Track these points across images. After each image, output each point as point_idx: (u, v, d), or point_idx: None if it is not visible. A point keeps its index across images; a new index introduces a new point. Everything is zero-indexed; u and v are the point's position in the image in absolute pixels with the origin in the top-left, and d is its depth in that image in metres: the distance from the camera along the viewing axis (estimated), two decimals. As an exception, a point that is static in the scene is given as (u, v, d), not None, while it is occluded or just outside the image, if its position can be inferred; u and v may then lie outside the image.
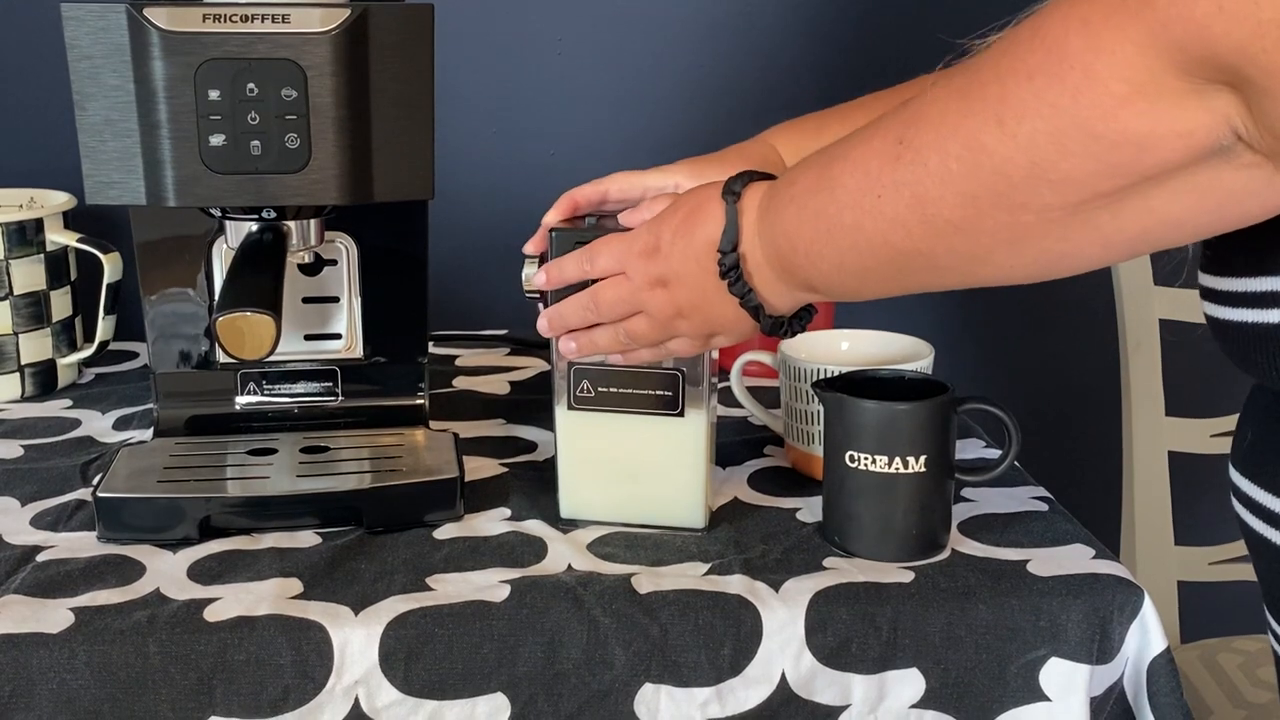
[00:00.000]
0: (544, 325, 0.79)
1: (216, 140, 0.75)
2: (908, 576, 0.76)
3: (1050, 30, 0.55)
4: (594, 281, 0.76)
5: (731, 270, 0.71)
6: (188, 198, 0.76)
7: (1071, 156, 0.55)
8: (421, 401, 0.95)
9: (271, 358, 0.78)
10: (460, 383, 1.12)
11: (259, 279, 0.76)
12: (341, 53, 0.75)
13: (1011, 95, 0.56)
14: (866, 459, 0.76)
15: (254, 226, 0.81)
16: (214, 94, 0.74)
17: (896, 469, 0.76)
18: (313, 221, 0.83)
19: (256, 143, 0.75)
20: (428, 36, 0.78)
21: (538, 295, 0.80)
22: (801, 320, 0.75)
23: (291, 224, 0.82)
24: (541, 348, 1.18)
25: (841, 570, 0.76)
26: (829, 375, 0.82)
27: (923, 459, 0.76)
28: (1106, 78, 0.53)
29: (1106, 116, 0.54)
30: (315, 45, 0.75)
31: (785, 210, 0.69)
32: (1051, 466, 1.00)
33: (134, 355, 1.18)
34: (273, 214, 0.81)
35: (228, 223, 0.83)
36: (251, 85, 0.75)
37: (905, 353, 0.91)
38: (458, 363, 1.18)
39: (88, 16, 0.74)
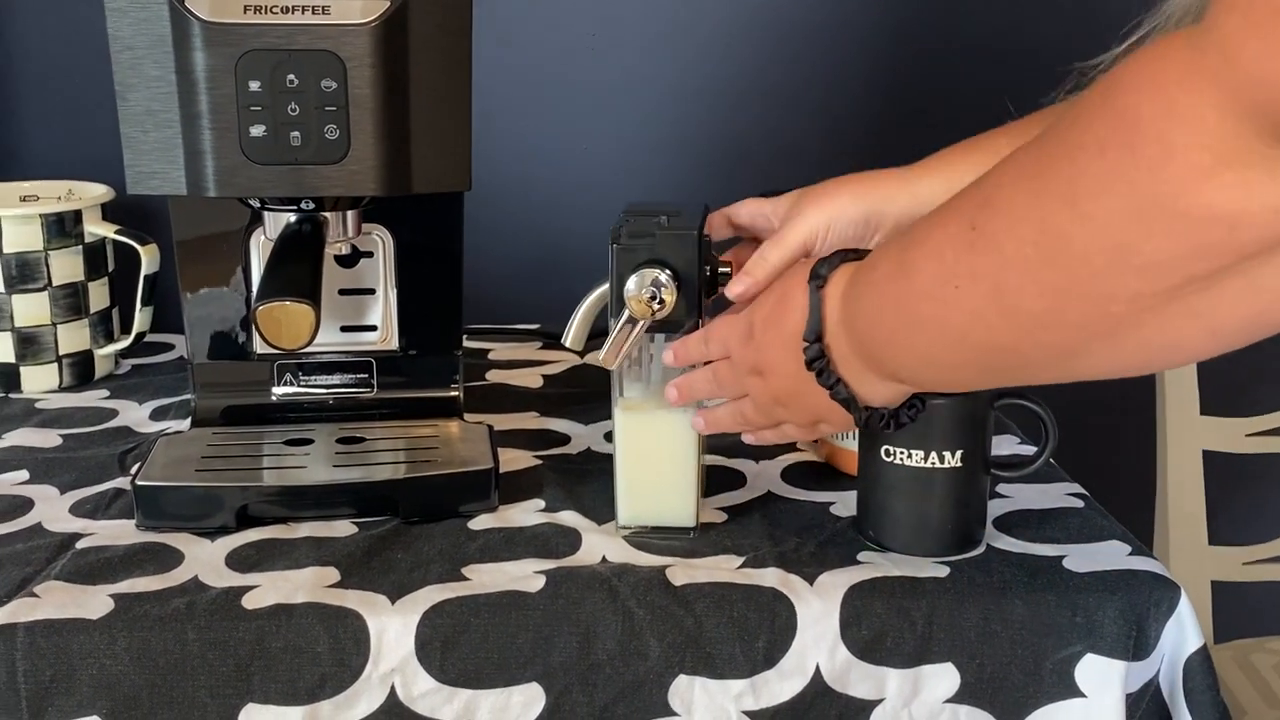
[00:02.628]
0: (673, 394, 0.78)
1: (257, 131, 0.75)
2: (943, 571, 0.76)
3: (1121, 96, 0.50)
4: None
5: (817, 360, 0.68)
6: (228, 188, 0.77)
7: (1155, 238, 0.50)
8: (456, 394, 0.95)
9: (308, 349, 0.78)
10: (493, 376, 1.12)
11: (298, 269, 0.76)
12: (381, 44, 0.76)
13: (1083, 173, 0.51)
14: (902, 453, 0.76)
15: (292, 217, 0.82)
16: (254, 85, 0.75)
17: (933, 464, 0.76)
18: (350, 213, 0.84)
19: (296, 134, 0.76)
20: (466, 28, 0.78)
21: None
22: (911, 411, 0.71)
23: (329, 215, 0.83)
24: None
25: (876, 564, 0.76)
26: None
27: (959, 454, 0.76)
28: (1186, 148, 0.47)
29: (1190, 192, 0.48)
30: (355, 37, 0.75)
31: (866, 297, 0.66)
32: (1084, 464, 0.99)
33: (169, 347, 1.19)
34: (311, 205, 0.81)
35: (266, 213, 0.83)
36: (292, 76, 0.75)
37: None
38: (490, 356, 1.18)
39: (130, 7, 0.75)
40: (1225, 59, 0.46)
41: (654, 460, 0.81)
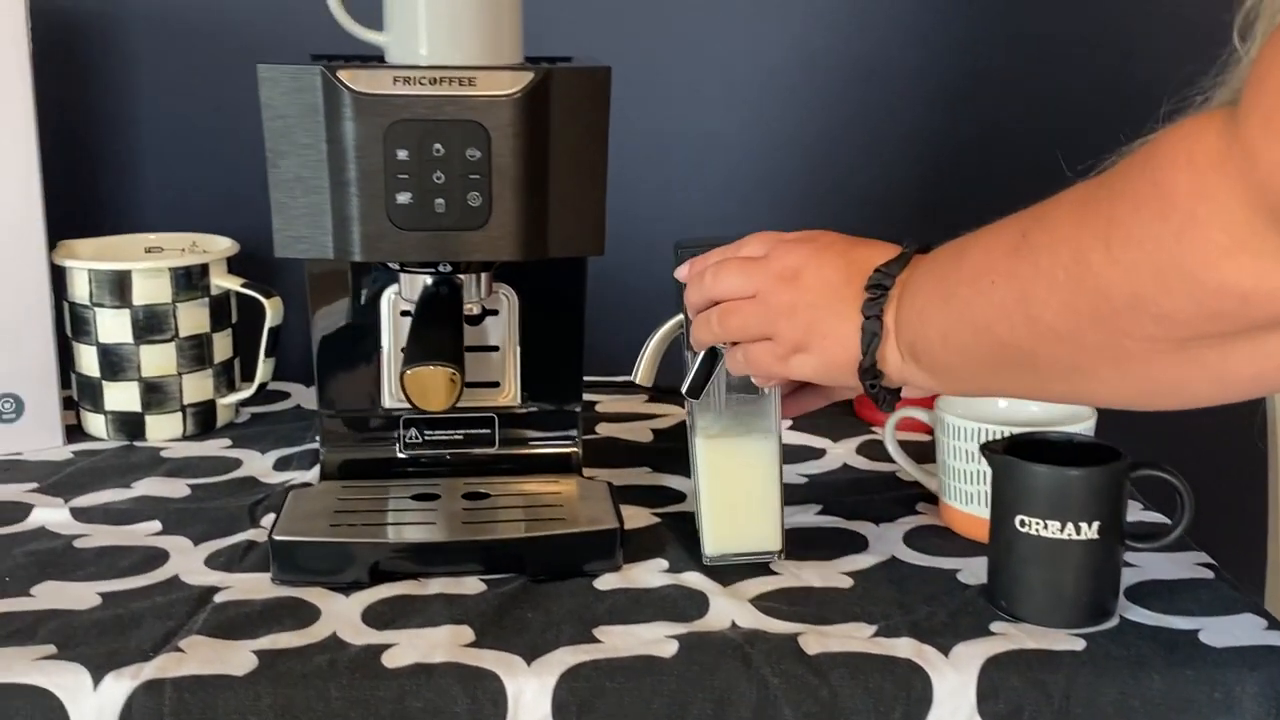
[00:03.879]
0: (684, 271, 0.81)
1: (403, 198, 0.77)
2: (1079, 644, 0.75)
3: (1161, 161, 0.54)
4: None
5: (875, 288, 0.71)
6: (374, 253, 0.79)
7: (1173, 296, 0.54)
8: (575, 449, 0.97)
9: (433, 405, 0.80)
10: (603, 429, 1.13)
11: (443, 334, 0.78)
12: (524, 114, 0.78)
13: (1120, 221, 0.55)
14: (1038, 524, 0.76)
15: (429, 279, 0.84)
16: (402, 154, 0.77)
17: (1069, 535, 0.75)
18: (483, 274, 0.86)
19: (441, 200, 0.78)
20: (605, 98, 0.80)
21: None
22: (894, 395, 0.74)
23: (463, 277, 0.85)
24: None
25: (1011, 636, 0.76)
26: (995, 437, 0.82)
27: (1095, 525, 0.75)
28: (1208, 225, 0.52)
29: (1208, 265, 0.52)
30: (499, 108, 0.77)
31: (922, 266, 0.70)
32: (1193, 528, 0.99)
33: (285, 395, 1.21)
34: (448, 267, 0.83)
35: (402, 275, 0.85)
36: (438, 145, 0.77)
37: (1065, 413, 0.90)
38: (597, 409, 1.19)
39: (283, 78, 0.77)
40: (1247, 158, 0.50)
41: (738, 488, 0.82)
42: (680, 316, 0.83)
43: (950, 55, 1.31)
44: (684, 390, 0.82)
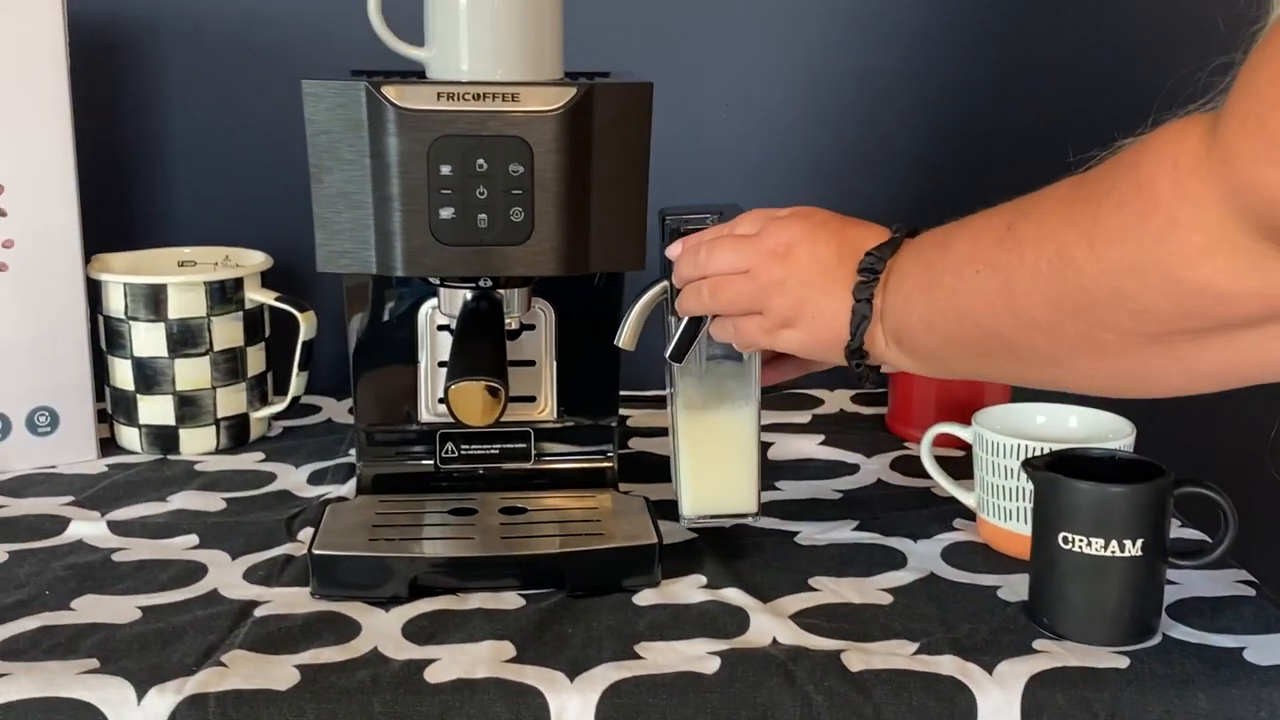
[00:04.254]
0: (676, 250, 0.82)
1: (446, 213, 0.78)
2: (1123, 662, 0.75)
3: (1145, 164, 0.56)
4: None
5: (868, 270, 0.72)
6: (416, 268, 0.79)
7: (1151, 293, 0.56)
8: (610, 464, 0.97)
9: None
10: (635, 444, 1.13)
11: (487, 348, 0.78)
12: (566, 130, 0.78)
13: (1104, 220, 0.57)
14: (1081, 541, 0.75)
15: (468, 294, 0.84)
16: (445, 169, 0.77)
17: (1112, 552, 0.75)
18: (523, 289, 0.86)
19: (483, 216, 0.78)
20: (647, 113, 0.80)
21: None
22: (876, 373, 0.76)
23: (503, 291, 0.85)
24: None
25: (1054, 653, 0.75)
26: (1037, 453, 0.81)
27: (1139, 542, 0.75)
28: (1188, 227, 0.54)
29: (1186, 265, 0.54)
30: (543, 123, 0.77)
31: (907, 253, 0.72)
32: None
33: (316, 409, 1.22)
34: (488, 282, 0.83)
35: (442, 289, 0.85)
36: (481, 161, 0.77)
37: (1104, 429, 0.90)
38: (629, 423, 1.19)
39: (327, 93, 0.78)
40: (1226, 160, 0.52)
41: (718, 451, 0.85)
42: (665, 283, 0.85)
43: (968, 70, 1.31)
44: (667, 355, 0.84)
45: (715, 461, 0.85)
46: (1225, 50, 0.61)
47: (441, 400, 0.88)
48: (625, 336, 0.86)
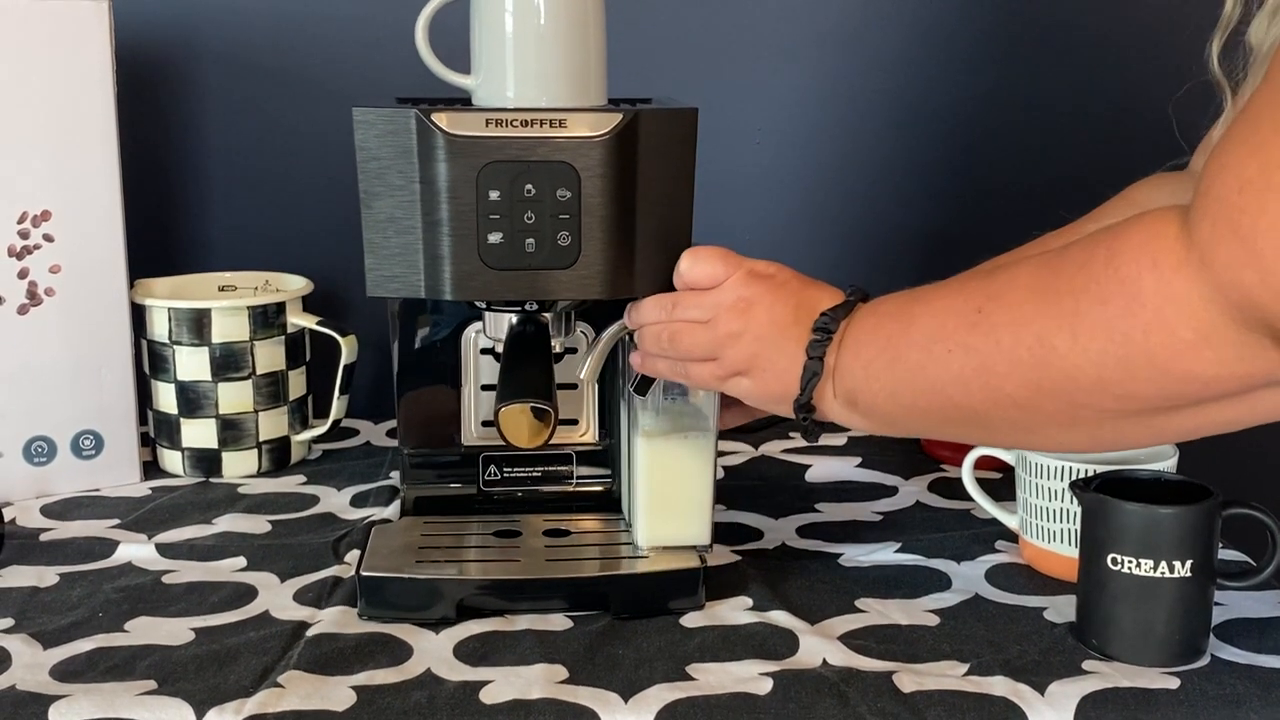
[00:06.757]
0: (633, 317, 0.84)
1: (494, 238, 0.78)
2: (1174, 683, 0.75)
3: (1124, 263, 0.59)
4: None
5: (821, 331, 0.74)
6: (464, 292, 0.80)
7: (1138, 382, 0.60)
8: (651, 487, 0.97)
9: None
10: (673, 466, 1.14)
11: (536, 371, 0.79)
12: (613, 155, 0.79)
13: (1086, 314, 0.60)
14: (1130, 562, 0.76)
15: (514, 318, 0.85)
16: (494, 194, 0.78)
17: (1161, 573, 0.75)
18: (568, 313, 0.86)
19: (531, 240, 0.79)
20: (692, 138, 0.81)
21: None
22: (820, 428, 0.77)
23: (548, 315, 0.85)
24: (748, 433, 1.20)
25: (1104, 674, 0.76)
26: (1083, 475, 0.82)
27: (1189, 564, 0.75)
28: (1176, 324, 0.57)
29: (1175, 358, 0.58)
30: (590, 149, 0.78)
31: (865, 321, 0.74)
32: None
33: (355, 432, 1.22)
34: (534, 306, 0.84)
35: (487, 313, 0.86)
36: (530, 186, 0.78)
37: (1146, 451, 0.90)
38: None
39: (378, 120, 0.78)
40: (1205, 264, 0.56)
41: (675, 484, 0.86)
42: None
43: (998, 98, 1.32)
44: (630, 387, 0.86)
45: (672, 493, 0.86)
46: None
47: (489, 423, 0.88)
48: (587, 370, 0.87)
